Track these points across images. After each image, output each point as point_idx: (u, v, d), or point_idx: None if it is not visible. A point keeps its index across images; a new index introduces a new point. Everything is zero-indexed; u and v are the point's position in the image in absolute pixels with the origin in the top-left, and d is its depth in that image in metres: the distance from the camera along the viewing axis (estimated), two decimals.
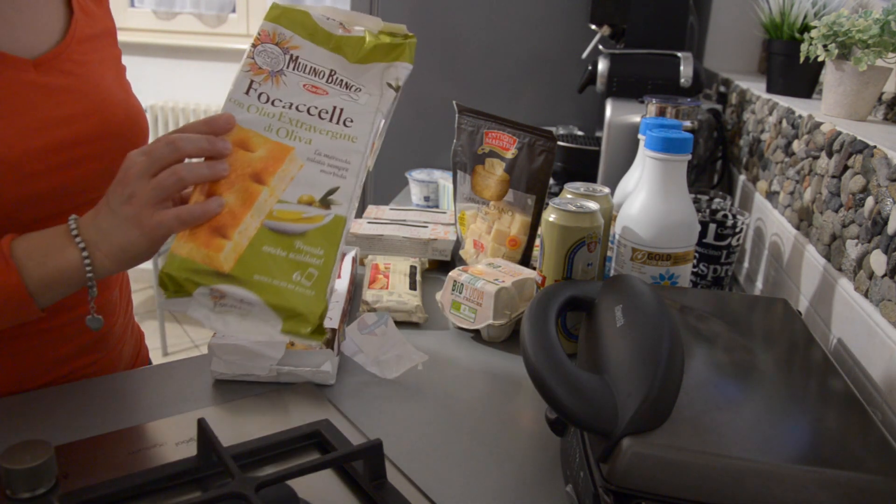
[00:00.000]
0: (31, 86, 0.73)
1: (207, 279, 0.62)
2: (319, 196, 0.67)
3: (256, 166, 0.67)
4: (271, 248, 0.64)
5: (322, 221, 0.66)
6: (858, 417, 0.54)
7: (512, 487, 0.64)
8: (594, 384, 0.55)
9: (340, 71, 0.73)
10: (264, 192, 0.66)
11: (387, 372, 0.80)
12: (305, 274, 0.64)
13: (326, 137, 0.69)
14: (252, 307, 0.63)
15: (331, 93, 0.71)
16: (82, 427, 0.69)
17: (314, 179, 0.67)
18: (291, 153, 0.68)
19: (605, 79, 1.36)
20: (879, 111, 1.04)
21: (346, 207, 0.67)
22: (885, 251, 0.70)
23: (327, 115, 0.70)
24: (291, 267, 0.64)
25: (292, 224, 0.65)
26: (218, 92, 3.24)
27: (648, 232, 0.82)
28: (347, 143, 0.69)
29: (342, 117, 0.71)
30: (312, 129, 0.69)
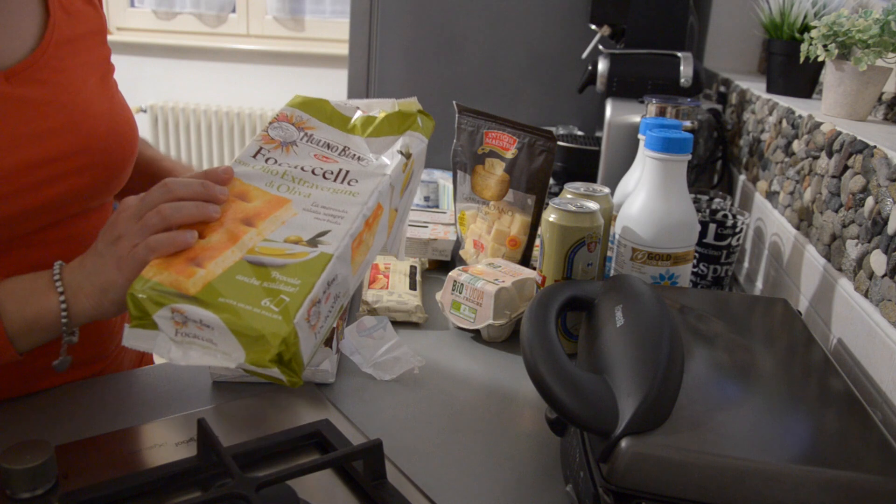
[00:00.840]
0: (3, 99, 0.68)
1: (169, 299, 0.58)
2: (308, 237, 0.63)
3: (248, 212, 0.65)
4: (245, 277, 0.60)
5: (305, 258, 0.61)
6: (858, 417, 0.54)
7: (512, 487, 0.64)
8: (594, 384, 0.55)
9: (353, 147, 0.73)
10: (251, 233, 0.63)
11: (383, 374, 0.80)
12: (276, 300, 0.58)
13: (327, 192, 0.68)
14: (212, 332, 0.58)
15: (340, 161, 0.71)
16: (82, 427, 0.69)
17: (306, 224, 0.64)
18: (288, 204, 0.66)
19: (605, 79, 1.36)
20: (879, 111, 1.04)
21: (334, 247, 0.63)
22: (885, 251, 0.70)
23: (332, 175, 0.70)
24: (262, 294, 0.59)
25: (273, 258, 0.61)
26: (218, 92, 3.24)
27: (648, 232, 0.82)
28: (348, 197, 0.67)
29: (347, 178, 0.70)
30: (314, 186, 0.68)
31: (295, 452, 0.66)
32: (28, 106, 0.70)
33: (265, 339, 0.56)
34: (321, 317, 0.61)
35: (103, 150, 0.76)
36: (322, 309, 0.61)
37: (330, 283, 0.61)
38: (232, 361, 0.57)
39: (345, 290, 0.65)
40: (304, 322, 0.58)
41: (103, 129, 0.76)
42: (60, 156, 0.72)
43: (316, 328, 0.61)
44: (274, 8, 3.14)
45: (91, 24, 0.80)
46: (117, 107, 0.80)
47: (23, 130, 0.69)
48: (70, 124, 0.73)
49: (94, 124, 0.75)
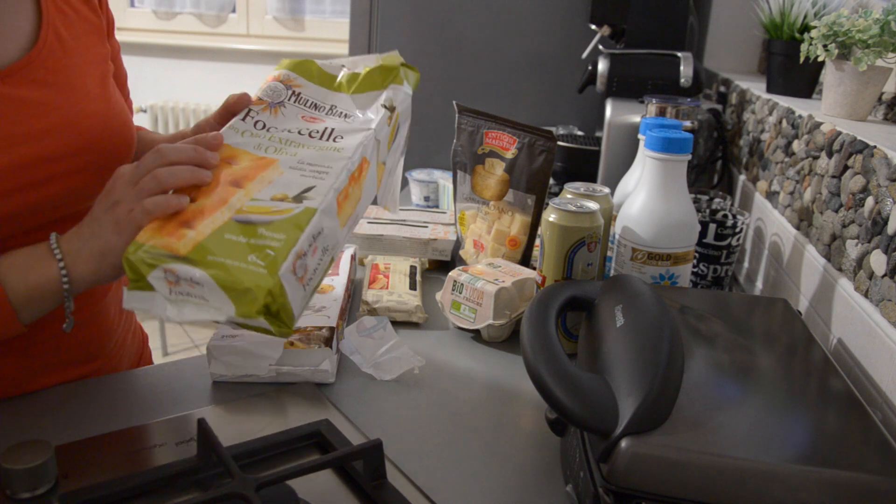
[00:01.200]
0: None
1: (161, 260, 0.60)
2: (293, 194, 0.65)
3: (237, 174, 0.67)
4: (233, 235, 0.62)
5: (290, 213, 0.64)
6: (858, 417, 0.54)
7: (512, 487, 0.64)
8: (594, 384, 0.55)
9: (340, 105, 0.76)
10: (239, 193, 0.65)
11: (383, 374, 0.81)
12: (261, 255, 0.61)
13: (313, 150, 0.70)
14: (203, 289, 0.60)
15: (327, 121, 0.74)
16: (82, 427, 0.69)
17: (292, 181, 0.66)
18: (275, 164, 0.68)
19: (605, 79, 1.36)
20: (879, 111, 1.04)
21: (318, 201, 0.65)
22: (885, 251, 0.70)
23: (318, 133, 0.72)
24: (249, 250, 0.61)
25: (260, 216, 0.63)
26: (218, 92, 3.24)
27: (648, 232, 0.82)
28: (332, 153, 0.69)
29: (332, 135, 0.72)
30: (301, 145, 0.70)
31: (295, 452, 0.66)
32: (23, 106, 0.70)
33: (251, 291, 0.59)
34: (308, 269, 0.63)
35: (99, 150, 0.76)
36: (309, 262, 0.63)
37: (315, 235, 0.64)
38: (222, 315, 0.60)
39: (333, 243, 0.67)
40: (290, 274, 0.61)
41: (99, 129, 0.76)
42: (56, 156, 0.72)
43: (304, 280, 0.63)
44: (274, 8, 3.14)
45: (87, 23, 0.80)
46: (114, 107, 0.80)
47: (18, 130, 0.69)
48: (66, 124, 0.73)
49: (89, 124, 0.75)
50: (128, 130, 0.81)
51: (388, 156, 0.77)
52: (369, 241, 1.12)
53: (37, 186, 0.71)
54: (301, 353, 0.77)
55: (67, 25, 0.77)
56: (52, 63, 0.73)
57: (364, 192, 0.72)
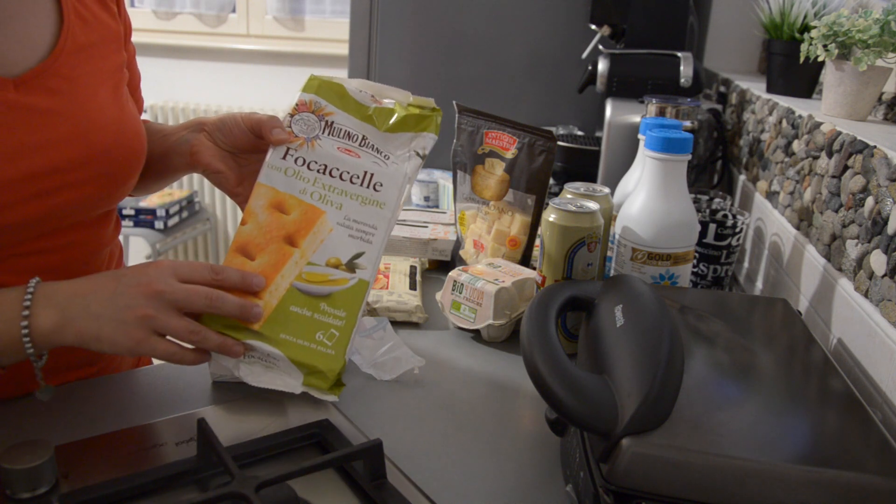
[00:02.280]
0: (9, 108, 0.67)
1: (240, 334, 0.69)
2: (346, 259, 0.73)
3: (290, 228, 0.73)
4: (298, 308, 0.71)
5: (346, 285, 0.72)
6: (858, 417, 0.54)
7: (512, 487, 0.64)
8: (594, 384, 0.55)
9: (371, 138, 0.78)
10: (295, 255, 0.72)
11: (383, 374, 0.80)
12: (327, 334, 0.71)
13: (356, 203, 0.75)
14: (277, 361, 0.70)
15: (362, 156, 0.77)
16: (82, 427, 0.69)
17: (342, 243, 0.73)
18: (323, 217, 0.74)
19: (605, 79, 1.36)
20: (879, 111, 1.04)
21: (369, 272, 0.73)
22: (885, 251, 0.70)
23: (358, 179, 0.75)
24: (315, 327, 0.71)
25: (319, 286, 0.72)
26: (218, 92, 3.24)
27: (648, 232, 0.82)
28: (376, 210, 0.75)
29: (372, 182, 0.75)
30: (344, 193, 0.75)
31: (295, 452, 0.66)
32: (35, 115, 0.69)
33: (323, 374, 0.71)
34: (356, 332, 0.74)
35: (109, 160, 0.75)
36: (359, 325, 0.74)
37: (367, 303, 0.76)
38: (293, 380, 0.71)
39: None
40: (351, 348, 0.73)
41: (111, 139, 0.75)
42: (65, 166, 0.71)
43: (355, 343, 0.75)
44: (274, 8, 3.14)
45: (106, 30, 0.78)
46: (127, 116, 0.79)
47: (28, 140, 0.68)
48: (76, 134, 0.72)
49: (101, 135, 0.74)
50: (139, 141, 0.80)
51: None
52: None
53: (46, 196, 0.70)
54: None
55: (87, 32, 0.75)
56: (67, 71, 0.72)
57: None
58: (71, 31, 0.73)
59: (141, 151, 0.80)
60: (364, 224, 0.74)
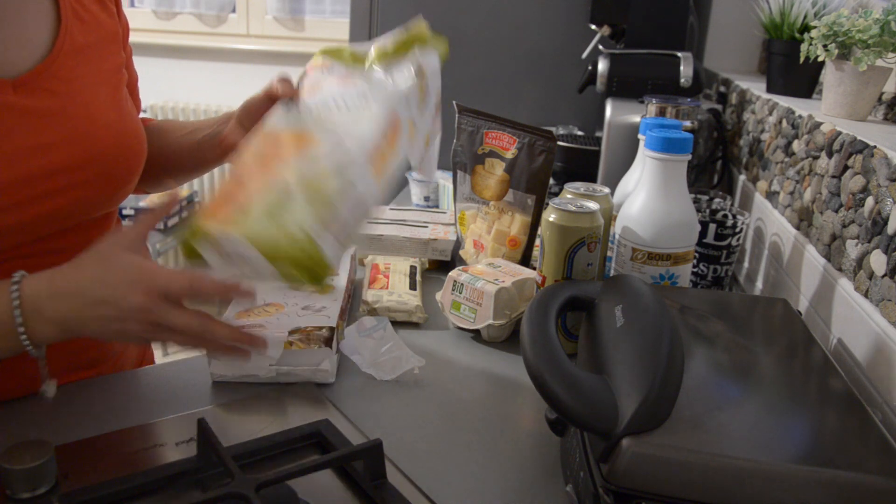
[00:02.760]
0: (8, 110, 0.67)
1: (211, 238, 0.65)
2: (331, 164, 0.68)
3: (282, 154, 0.70)
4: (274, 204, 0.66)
5: (329, 189, 0.67)
6: (858, 417, 0.54)
7: (512, 487, 0.64)
8: (594, 384, 0.55)
9: (372, 74, 0.77)
10: (282, 166, 0.68)
11: (383, 374, 0.80)
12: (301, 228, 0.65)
13: (347, 117, 0.72)
14: (249, 258, 0.65)
15: (358, 85, 0.75)
16: (82, 427, 0.69)
17: (330, 151, 0.69)
18: (313, 138, 0.71)
19: (605, 79, 1.36)
20: (879, 111, 1.04)
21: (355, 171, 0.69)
22: (885, 251, 0.70)
23: (351, 100, 0.73)
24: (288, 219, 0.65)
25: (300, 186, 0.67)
26: (218, 92, 3.24)
27: (648, 232, 0.82)
28: (366, 115, 0.72)
29: (367, 101, 0.73)
30: (335, 110, 0.73)
31: (295, 452, 0.66)
32: (34, 117, 0.68)
33: (296, 275, 0.65)
34: (345, 227, 0.68)
35: (109, 162, 0.75)
36: (347, 221, 0.68)
37: (351, 200, 0.68)
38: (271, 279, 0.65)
39: (370, 198, 0.71)
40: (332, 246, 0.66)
41: (110, 141, 0.75)
42: (64, 168, 0.70)
43: (342, 238, 0.69)
44: (274, 8, 3.14)
45: (105, 30, 0.78)
46: (126, 117, 0.79)
47: (27, 142, 0.68)
48: (76, 136, 0.71)
49: (100, 136, 0.74)
50: (138, 141, 0.80)
51: (420, 118, 0.79)
52: (369, 241, 1.12)
53: (46, 199, 0.70)
54: (301, 353, 0.77)
55: (85, 33, 0.75)
56: (65, 73, 0.72)
57: (398, 150, 0.75)
58: (69, 33, 0.73)
59: (141, 152, 0.80)
60: (353, 137, 0.71)
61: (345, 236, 0.69)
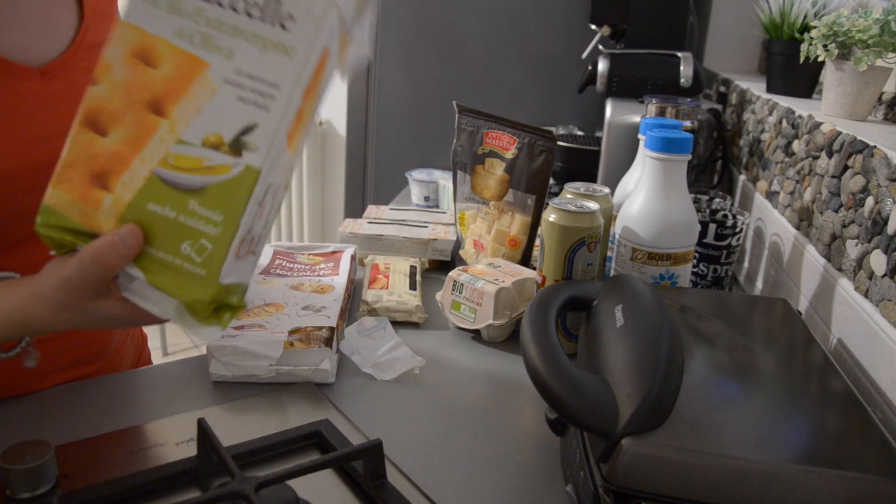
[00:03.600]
0: (36, 96, 0.71)
1: (85, 241, 0.52)
2: (230, 136, 0.51)
3: (157, 89, 0.52)
4: (158, 206, 0.51)
5: (227, 175, 0.50)
6: (858, 417, 0.54)
7: (512, 487, 0.64)
8: (594, 384, 0.55)
9: None
10: (162, 128, 0.52)
11: (382, 374, 0.80)
12: (196, 246, 0.51)
13: (254, 48, 0.51)
14: (133, 284, 0.53)
15: None
16: (82, 427, 0.69)
17: (227, 110, 0.51)
18: (204, 71, 0.51)
19: (605, 79, 1.36)
20: (879, 111, 1.04)
21: (261, 155, 0.51)
22: (885, 251, 0.70)
23: (259, 9, 0.52)
24: (180, 234, 0.51)
25: (189, 175, 0.51)
26: None
27: (648, 232, 0.82)
28: (281, 58, 0.51)
29: (279, 14, 0.52)
30: (237, 32, 0.51)
31: (295, 452, 0.66)
32: (59, 103, 0.72)
33: (189, 305, 0.52)
34: (255, 238, 0.54)
35: None
36: (255, 229, 0.54)
37: (261, 199, 0.52)
38: (164, 312, 0.53)
39: (282, 185, 0.56)
40: (233, 264, 0.52)
41: None
42: None
43: (252, 250, 0.55)
44: None
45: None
46: None
47: (53, 127, 0.71)
48: None
49: None
50: None
51: (355, 25, 0.57)
52: (369, 241, 1.12)
53: None
54: (301, 353, 0.77)
55: (102, 30, 0.79)
56: (84, 64, 0.76)
57: (323, 85, 0.55)
58: (89, 29, 0.77)
59: None
60: (262, 81, 0.51)
61: (257, 248, 0.55)
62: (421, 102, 1.90)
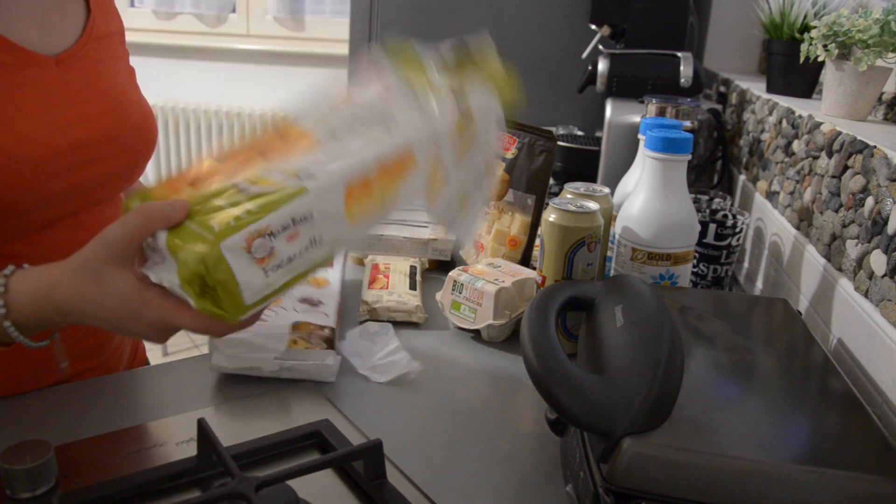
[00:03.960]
0: (55, 83, 0.74)
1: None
2: (303, 168, 0.57)
3: (272, 147, 0.60)
4: (220, 200, 0.55)
5: (281, 188, 0.55)
6: (858, 417, 0.54)
7: (512, 487, 0.64)
8: (594, 384, 0.55)
9: (413, 91, 0.66)
10: (259, 163, 0.58)
11: (378, 376, 0.80)
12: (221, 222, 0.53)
13: (355, 129, 0.61)
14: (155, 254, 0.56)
15: (392, 101, 0.64)
16: (82, 427, 0.69)
17: (313, 158, 0.58)
18: (313, 140, 0.60)
19: (605, 79, 1.36)
20: (879, 111, 1.04)
21: (315, 182, 0.56)
22: (885, 251, 0.70)
23: (371, 115, 0.62)
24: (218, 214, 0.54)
25: (255, 186, 0.56)
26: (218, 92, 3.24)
27: (648, 232, 0.82)
28: (372, 136, 0.61)
29: (384, 119, 0.62)
30: (349, 126, 0.62)
31: (295, 452, 0.66)
32: (74, 90, 0.76)
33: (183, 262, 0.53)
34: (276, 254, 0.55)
35: (137, 135, 0.82)
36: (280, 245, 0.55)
37: (298, 220, 0.55)
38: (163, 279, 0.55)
39: (330, 236, 0.58)
40: (242, 250, 0.53)
41: (137, 116, 0.83)
42: (103, 139, 0.77)
43: (266, 263, 0.55)
44: (274, 8, 3.14)
45: (116, 24, 0.87)
46: (143, 100, 0.87)
47: (72, 113, 0.75)
48: (110, 109, 0.79)
49: (129, 112, 0.82)
50: (154, 121, 0.88)
51: (453, 169, 0.65)
52: (369, 241, 1.12)
53: (87, 167, 0.76)
54: (304, 352, 0.77)
55: (107, 23, 0.83)
56: (95, 54, 0.79)
57: (401, 193, 0.62)
58: (96, 21, 0.81)
59: (156, 131, 0.88)
60: (349, 141, 0.60)
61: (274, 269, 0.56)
62: None
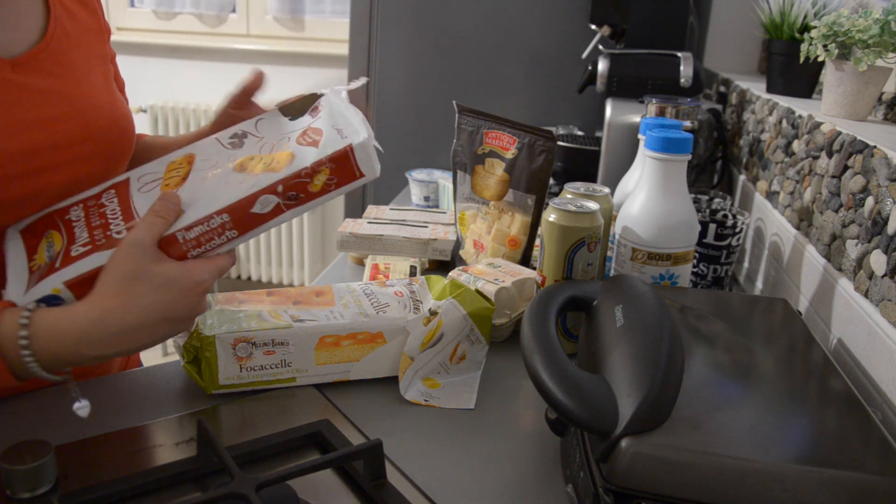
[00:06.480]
0: (8, 86, 0.70)
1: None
2: (303, 315, 0.78)
3: (305, 298, 0.80)
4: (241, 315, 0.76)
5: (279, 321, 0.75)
6: (858, 417, 0.54)
7: (512, 487, 0.64)
8: (594, 384, 0.55)
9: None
10: (285, 306, 0.79)
11: None
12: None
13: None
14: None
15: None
16: (82, 427, 0.69)
17: (315, 312, 0.78)
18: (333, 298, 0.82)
19: (605, 79, 1.36)
20: (879, 111, 1.04)
21: (302, 325, 0.75)
22: (885, 251, 0.70)
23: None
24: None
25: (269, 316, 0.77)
26: (218, 92, 3.23)
27: (648, 232, 0.82)
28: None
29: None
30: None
31: (295, 452, 0.66)
32: (33, 94, 0.72)
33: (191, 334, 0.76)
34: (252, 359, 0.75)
35: (104, 140, 0.78)
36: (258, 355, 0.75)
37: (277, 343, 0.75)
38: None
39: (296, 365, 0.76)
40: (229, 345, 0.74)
41: (105, 119, 0.79)
42: (63, 143, 0.74)
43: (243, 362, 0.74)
44: (274, 8, 3.14)
45: (86, 25, 0.82)
46: (116, 102, 0.83)
47: (28, 116, 0.71)
48: (73, 113, 0.75)
49: (96, 115, 0.78)
50: (130, 124, 0.84)
51: (416, 351, 0.78)
52: (369, 241, 1.12)
53: (45, 172, 0.73)
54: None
55: (73, 23, 0.79)
56: (59, 55, 0.76)
57: (365, 359, 0.79)
58: (59, 20, 0.77)
59: (132, 133, 0.84)
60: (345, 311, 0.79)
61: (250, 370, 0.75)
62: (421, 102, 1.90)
